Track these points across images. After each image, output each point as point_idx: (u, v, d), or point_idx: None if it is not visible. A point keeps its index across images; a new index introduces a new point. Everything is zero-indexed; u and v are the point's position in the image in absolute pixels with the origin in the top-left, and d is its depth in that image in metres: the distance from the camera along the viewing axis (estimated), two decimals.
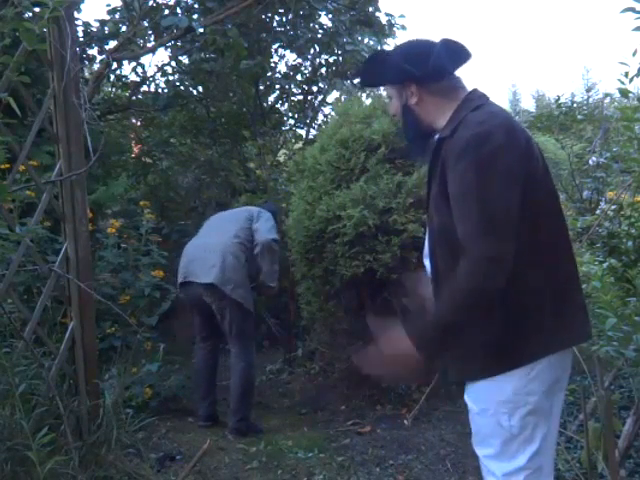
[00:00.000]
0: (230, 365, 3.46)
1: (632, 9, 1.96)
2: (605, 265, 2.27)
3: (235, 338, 3.39)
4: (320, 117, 6.31)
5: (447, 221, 1.49)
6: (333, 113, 4.67)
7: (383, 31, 5.59)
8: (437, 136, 1.62)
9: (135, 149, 6.21)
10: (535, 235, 1.47)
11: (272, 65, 5.78)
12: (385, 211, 3.47)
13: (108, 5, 4.69)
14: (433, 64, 1.61)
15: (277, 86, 6.04)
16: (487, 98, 1.63)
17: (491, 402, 1.51)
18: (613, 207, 3.19)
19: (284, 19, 5.47)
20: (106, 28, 4.67)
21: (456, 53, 1.66)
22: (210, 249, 3.41)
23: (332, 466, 2.93)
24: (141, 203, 4.52)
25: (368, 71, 1.82)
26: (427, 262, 1.69)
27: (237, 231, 3.48)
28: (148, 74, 5.59)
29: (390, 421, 3.48)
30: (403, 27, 5.71)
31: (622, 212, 3.13)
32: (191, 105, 5.82)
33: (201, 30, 4.36)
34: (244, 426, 3.36)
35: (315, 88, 6.06)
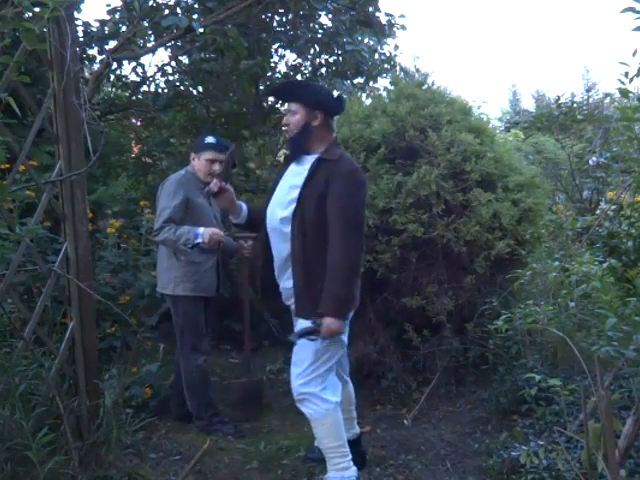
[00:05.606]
0: None
1: (632, 9, 1.96)
2: (605, 265, 2.27)
3: (177, 333, 3.32)
4: None
5: (316, 217, 2.42)
6: None
7: (383, 31, 5.57)
8: (317, 156, 2.50)
9: (135, 149, 6.20)
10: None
11: (272, 65, 5.77)
12: (385, 211, 3.47)
13: (108, 5, 4.68)
14: (336, 106, 2.56)
15: None
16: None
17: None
18: (613, 207, 3.19)
19: (284, 19, 5.46)
20: (106, 28, 4.66)
21: (342, 106, 2.58)
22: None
23: None
24: (141, 203, 4.52)
25: (288, 87, 2.76)
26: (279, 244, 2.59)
27: None
28: (148, 74, 5.57)
29: (390, 421, 3.47)
30: (403, 27, 5.69)
31: (622, 212, 3.12)
32: (191, 105, 5.80)
33: (201, 30, 4.35)
34: (203, 425, 3.31)
35: None
